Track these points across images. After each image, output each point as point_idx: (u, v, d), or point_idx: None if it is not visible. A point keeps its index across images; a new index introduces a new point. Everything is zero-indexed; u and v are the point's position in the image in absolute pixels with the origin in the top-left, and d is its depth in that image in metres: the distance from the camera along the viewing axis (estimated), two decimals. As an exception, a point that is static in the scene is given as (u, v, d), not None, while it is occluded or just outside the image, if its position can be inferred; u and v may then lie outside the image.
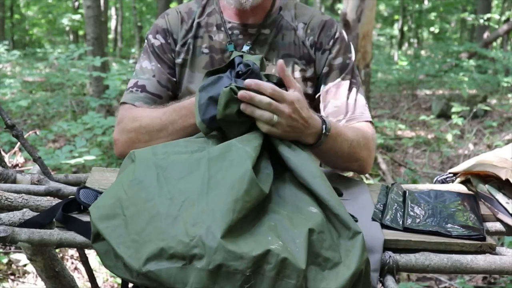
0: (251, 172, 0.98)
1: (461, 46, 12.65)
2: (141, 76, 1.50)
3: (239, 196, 0.93)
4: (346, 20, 5.29)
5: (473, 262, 1.05)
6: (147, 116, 1.39)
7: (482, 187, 1.31)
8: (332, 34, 1.49)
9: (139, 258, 0.88)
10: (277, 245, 0.89)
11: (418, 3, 16.93)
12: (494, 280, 3.19)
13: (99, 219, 0.96)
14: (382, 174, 5.05)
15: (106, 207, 0.98)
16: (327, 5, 18.02)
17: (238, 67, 1.16)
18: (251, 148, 1.06)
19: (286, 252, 0.89)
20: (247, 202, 0.94)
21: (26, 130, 6.11)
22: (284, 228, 0.95)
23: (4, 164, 1.62)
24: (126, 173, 1.04)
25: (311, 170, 1.07)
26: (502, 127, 7.12)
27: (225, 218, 0.89)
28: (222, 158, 1.03)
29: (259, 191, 0.98)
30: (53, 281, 1.74)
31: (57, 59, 7.07)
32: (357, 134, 1.37)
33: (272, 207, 1.02)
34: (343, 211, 1.01)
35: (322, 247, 0.94)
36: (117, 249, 0.91)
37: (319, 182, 1.05)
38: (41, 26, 20.16)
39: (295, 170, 1.08)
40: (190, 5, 1.55)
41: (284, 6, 1.52)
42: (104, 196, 1.03)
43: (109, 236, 0.93)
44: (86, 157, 4.04)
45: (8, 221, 1.12)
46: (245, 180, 0.96)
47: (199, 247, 0.85)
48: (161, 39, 1.51)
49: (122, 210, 0.96)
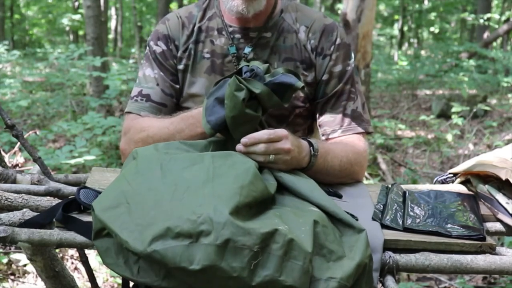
0: (254, 168, 1.00)
1: (461, 46, 12.65)
2: (145, 85, 1.49)
3: (245, 184, 0.95)
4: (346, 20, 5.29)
5: (473, 262, 1.05)
6: (154, 126, 1.39)
7: (482, 187, 1.31)
8: (334, 40, 1.48)
9: (143, 239, 0.87)
10: (284, 227, 0.90)
11: (418, 3, 16.93)
12: (494, 280, 3.19)
13: (102, 210, 0.96)
14: (382, 174, 5.04)
15: (109, 199, 0.98)
16: (327, 5, 18.01)
17: (244, 74, 1.19)
18: (252, 160, 1.10)
19: (293, 234, 0.90)
20: (253, 191, 0.95)
21: (26, 130, 6.11)
22: (289, 218, 0.97)
23: (4, 164, 1.62)
24: (128, 168, 1.05)
25: (308, 185, 1.12)
26: (502, 127, 7.11)
27: (232, 199, 0.90)
28: (225, 158, 1.05)
29: (264, 186, 1.00)
30: (53, 281, 1.74)
31: (57, 59, 7.07)
32: (347, 150, 1.39)
33: (275, 207, 1.04)
34: (345, 215, 1.04)
35: (326, 239, 0.95)
36: (121, 235, 0.90)
37: (318, 194, 1.09)
38: (41, 26, 20.16)
39: (292, 187, 1.12)
40: (190, 9, 1.54)
41: (285, 8, 1.51)
42: (106, 191, 1.03)
43: (112, 224, 0.93)
44: (86, 157, 4.04)
45: (8, 221, 1.12)
46: (250, 173, 0.99)
47: (207, 223, 0.86)
48: (162, 45, 1.50)
49: (126, 199, 0.96)
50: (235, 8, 1.39)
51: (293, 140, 1.23)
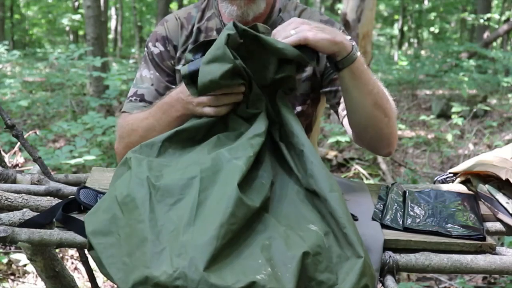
0: (236, 192, 0.96)
1: (461, 46, 12.65)
2: (140, 85, 1.51)
3: (224, 220, 0.92)
4: (346, 20, 5.29)
5: (473, 262, 1.05)
6: (136, 118, 1.41)
7: (482, 187, 1.31)
8: None
9: (127, 282, 0.90)
10: (265, 273, 0.88)
11: (418, 3, 16.93)
12: (494, 280, 3.19)
13: (93, 233, 0.98)
14: (382, 174, 5.05)
15: (101, 222, 0.99)
16: (327, 5, 18.02)
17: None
18: (243, 160, 1.04)
19: (273, 281, 0.87)
20: (233, 225, 0.92)
21: (26, 130, 6.11)
22: (278, 249, 0.93)
23: (4, 164, 1.62)
24: (121, 183, 1.04)
25: (331, 183, 1.04)
26: (502, 127, 7.11)
27: (208, 247, 0.88)
28: (213, 177, 1.02)
29: (246, 209, 0.96)
30: (53, 281, 1.74)
31: (57, 59, 7.07)
32: (381, 85, 1.35)
33: (269, 220, 1.00)
34: (353, 232, 0.98)
35: (317, 270, 0.92)
36: (108, 269, 0.93)
37: (336, 197, 1.02)
38: (41, 26, 20.17)
39: (316, 177, 1.05)
40: (189, 10, 1.55)
41: (283, 7, 1.51)
42: (99, 207, 1.03)
43: (101, 254, 0.95)
44: (86, 157, 4.04)
45: (8, 221, 1.12)
46: (231, 202, 0.94)
47: (182, 278, 0.85)
48: (160, 47, 1.51)
49: (117, 229, 0.97)
50: (235, 13, 1.39)
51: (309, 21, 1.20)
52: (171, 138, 1.16)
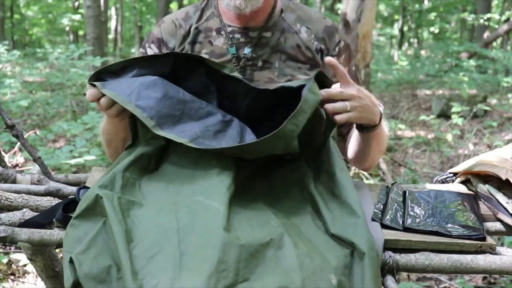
0: (223, 237, 0.92)
1: (461, 46, 12.64)
2: None
3: (212, 271, 0.87)
4: (346, 20, 5.29)
5: (473, 262, 1.05)
6: (101, 130, 1.44)
7: (482, 187, 1.31)
8: (337, 41, 1.49)
9: None
10: None
11: (418, 3, 16.93)
12: (494, 280, 3.19)
13: (86, 276, 0.91)
14: (382, 174, 5.04)
15: (97, 267, 0.93)
16: (327, 5, 18.01)
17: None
18: (220, 201, 1.01)
19: None
20: (223, 271, 0.89)
21: (26, 130, 6.11)
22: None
23: (4, 164, 1.62)
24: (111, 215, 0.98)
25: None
26: (502, 127, 7.11)
27: None
28: (192, 228, 0.97)
29: (237, 248, 0.92)
30: (53, 281, 1.74)
31: (57, 59, 7.07)
32: (386, 129, 1.48)
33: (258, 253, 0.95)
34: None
35: None
36: None
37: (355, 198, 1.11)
38: (41, 26, 20.15)
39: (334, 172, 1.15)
40: (187, 10, 1.54)
41: (285, 8, 1.50)
42: (91, 249, 0.95)
43: None
44: (86, 157, 4.04)
45: (8, 221, 1.12)
46: (217, 247, 0.91)
47: None
48: (154, 48, 1.52)
49: (111, 278, 0.92)
50: (232, 3, 1.39)
51: (363, 90, 1.27)
52: (128, 168, 1.11)
